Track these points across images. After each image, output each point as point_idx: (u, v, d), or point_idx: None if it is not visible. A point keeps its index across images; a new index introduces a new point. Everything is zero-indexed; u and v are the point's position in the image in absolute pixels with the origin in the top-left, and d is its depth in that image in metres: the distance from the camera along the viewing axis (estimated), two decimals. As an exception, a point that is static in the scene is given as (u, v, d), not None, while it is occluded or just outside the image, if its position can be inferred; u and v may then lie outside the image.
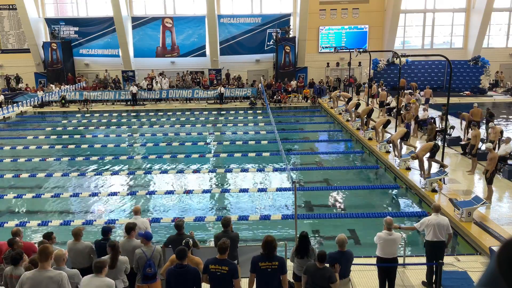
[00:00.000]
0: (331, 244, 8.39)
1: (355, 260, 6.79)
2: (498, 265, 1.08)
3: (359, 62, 31.37)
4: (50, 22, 32.53)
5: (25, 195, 13.24)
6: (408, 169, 13.95)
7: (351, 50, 24.71)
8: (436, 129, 17.55)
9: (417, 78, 31.30)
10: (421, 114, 19.83)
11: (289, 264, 6.93)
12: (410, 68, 31.80)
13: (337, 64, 33.09)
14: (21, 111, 28.00)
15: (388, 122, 17.47)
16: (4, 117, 26.27)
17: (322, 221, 11.29)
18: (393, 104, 21.76)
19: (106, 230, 7.06)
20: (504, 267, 1.07)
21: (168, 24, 32.68)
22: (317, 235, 10.44)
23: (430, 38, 34.11)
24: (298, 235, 6.89)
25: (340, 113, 23.87)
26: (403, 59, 26.06)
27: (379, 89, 25.25)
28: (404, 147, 15.42)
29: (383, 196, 13.19)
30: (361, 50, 24.36)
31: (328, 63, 32.93)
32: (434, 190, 11.92)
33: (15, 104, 28.13)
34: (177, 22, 32.67)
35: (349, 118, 21.60)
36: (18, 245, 6.54)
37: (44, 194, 13.33)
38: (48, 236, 6.86)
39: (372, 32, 32.85)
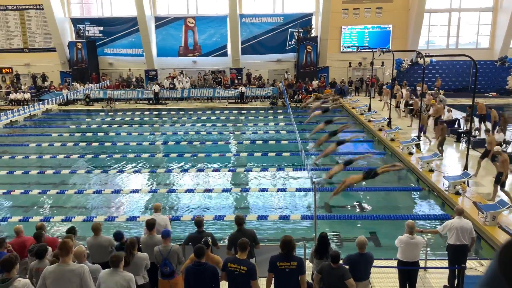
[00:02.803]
0: (351, 246, 8.31)
1: (375, 263, 6.70)
2: (499, 265, 1.08)
3: (382, 62, 30.98)
4: (76, 21, 33.20)
5: (50, 191, 13.54)
6: (431, 171, 13.70)
7: (373, 50, 24.40)
8: (460, 130, 17.21)
9: (442, 78, 30.71)
10: (445, 115, 19.46)
11: (308, 265, 6.89)
12: (434, 68, 31.24)
13: (359, 64, 32.76)
14: (46, 108, 28.65)
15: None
16: (30, 114, 26.93)
17: (342, 222, 11.19)
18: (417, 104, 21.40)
19: (119, 236, 7.04)
20: (506, 267, 1.07)
21: (190, 24, 32.94)
22: (336, 236, 10.35)
23: (455, 38, 33.39)
24: (317, 236, 6.85)
25: (362, 114, 23.63)
26: (427, 59, 25.63)
27: (403, 90, 24.89)
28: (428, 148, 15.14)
29: (405, 198, 12.99)
30: (384, 49, 24.04)
31: (350, 63, 32.63)
32: (457, 193, 11.67)
33: (41, 102, 28.86)
34: (200, 22, 32.90)
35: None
36: (43, 240, 6.71)
37: (67, 191, 13.63)
38: (71, 231, 7.01)
39: (396, 31, 32.38)
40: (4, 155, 18.49)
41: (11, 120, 25.01)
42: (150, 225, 6.97)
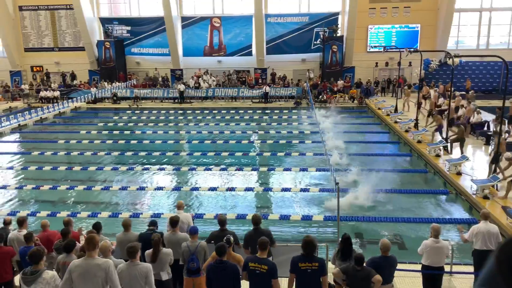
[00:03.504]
0: (374, 248, 8.19)
1: (399, 266, 6.59)
2: (497, 264, 1.08)
3: (410, 62, 30.42)
4: (104, 21, 33.88)
5: (77, 187, 13.88)
6: (459, 174, 13.39)
7: (401, 50, 23.99)
8: (489, 133, 16.76)
9: (471, 79, 29.95)
10: (474, 117, 18.97)
11: (330, 266, 6.84)
12: (463, 69, 30.50)
13: (386, 64, 32.27)
14: (75, 106, 29.35)
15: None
16: (59, 112, 27.64)
17: (365, 224, 11.05)
18: (445, 106, 20.94)
19: (153, 223, 7.38)
20: (503, 267, 1.06)
21: (216, 24, 33.15)
22: (360, 238, 10.23)
23: (486, 38, 32.50)
24: (340, 237, 6.79)
25: (388, 115, 23.28)
26: (456, 60, 25.04)
27: (431, 91, 24.40)
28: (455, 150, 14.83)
29: (431, 201, 12.72)
30: (411, 49, 23.60)
31: (376, 63, 32.19)
32: (486, 197, 11.36)
33: (70, 100, 29.60)
34: (225, 21, 33.07)
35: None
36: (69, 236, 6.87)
37: (94, 187, 13.93)
38: (97, 227, 7.17)
39: (424, 31, 31.75)
40: (34, 151, 19.04)
41: (41, 117, 25.73)
42: (174, 222, 7.05)
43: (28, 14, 34.48)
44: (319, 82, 31.15)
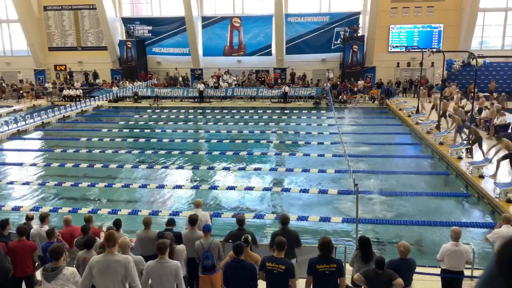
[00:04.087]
0: (393, 251, 8.09)
1: (418, 269, 6.50)
2: (497, 265, 1.07)
3: (432, 63, 29.92)
4: (126, 21, 34.34)
5: (98, 184, 14.11)
6: (481, 177, 13.11)
7: (423, 50, 23.63)
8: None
9: (496, 80, 29.29)
10: (498, 118, 18.56)
11: (347, 268, 6.78)
12: (487, 70, 29.83)
13: (408, 64, 31.83)
14: (97, 105, 29.84)
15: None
16: (82, 110, 28.14)
17: (385, 226, 10.92)
18: (468, 107, 20.55)
19: (171, 222, 7.45)
20: (504, 267, 1.06)
21: (236, 24, 33.24)
22: (378, 241, 10.11)
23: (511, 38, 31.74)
24: (358, 239, 6.72)
25: (409, 116, 22.96)
26: (480, 60, 24.51)
27: (454, 92, 23.97)
28: (480, 152, 14.53)
29: (452, 204, 12.50)
30: (434, 50, 23.23)
31: (398, 63, 31.77)
32: (509, 201, 11.10)
33: (92, 98, 30.12)
34: (245, 21, 33.13)
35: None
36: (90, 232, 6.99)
37: (115, 184, 14.14)
38: (117, 224, 7.28)
39: (447, 31, 31.20)
40: (57, 148, 19.44)
41: (63, 115, 26.23)
42: (193, 220, 7.11)
43: (52, 14, 35.21)
44: (339, 82, 30.90)
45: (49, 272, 5.39)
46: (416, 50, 27.79)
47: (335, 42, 32.46)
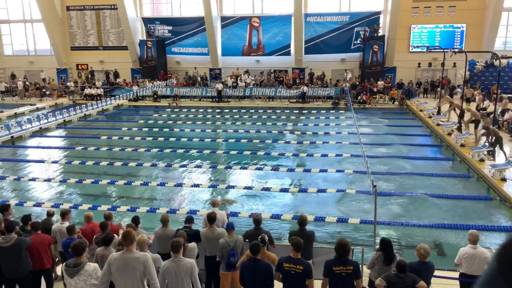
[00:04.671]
0: (411, 253, 7.98)
1: (437, 273, 6.40)
2: (498, 265, 1.05)
3: (454, 63, 29.41)
4: (147, 21, 34.72)
5: (117, 181, 14.30)
6: (504, 179, 12.83)
7: (445, 50, 23.24)
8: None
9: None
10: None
11: (365, 271, 6.71)
12: (511, 70, 29.14)
13: (429, 64, 31.35)
14: (117, 104, 30.24)
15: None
16: (102, 109, 28.56)
17: (403, 229, 10.78)
18: (490, 109, 20.14)
19: (189, 219, 7.50)
20: (505, 267, 1.04)
21: (255, 24, 33.28)
22: (396, 243, 9.99)
23: (538, 38, 30.95)
24: (378, 241, 6.64)
25: (430, 117, 22.61)
26: (504, 61, 23.97)
27: (476, 93, 23.51)
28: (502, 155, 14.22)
29: (473, 207, 12.24)
30: (456, 50, 22.83)
31: (419, 63, 31.31)
32: (533, 205, 10.83)
33: (113, 97, 30.53)
34: (264, 21, 33.13)
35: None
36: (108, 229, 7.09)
37: (134, 182, 14.32)
38: (135, 221, 7.36)
39: (470, 31, 30.61)
40: (78, 146, 19.78)
41: (85, 114, 26.67)
42: (211, 218, 7.14)
43: (74, 14, 35.84)
44: (358, 83, 30.62)
45: (72, 268, 5.49)
46: (437, 50, 27.35)
47: (355, 42, 32.19)
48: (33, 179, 14.97)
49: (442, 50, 24.27)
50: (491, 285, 1.06)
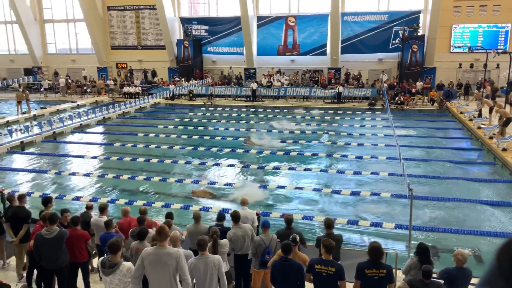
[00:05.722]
0: (447, 259, 7.74)
1: (474, 280, 6.18)
2: (498, 264, 1.05)
3: (497, 64, 28.26)
4: (184, 21, 35.24)
5: (153, 178, 14.61)
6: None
7: (488, 51, 22.40)
8: None
9: None
10: None
11: (399, 276, 6.57)
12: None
13: (471, 65, 30.25)
14: (155, 102, 30.87)
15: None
16: (140, 107, 29.23)
17: (440, 234, 10.47)
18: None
19: (221, 217, 7.55)
20: (505, 266, 1.03)
21: (291, 23, 33.15)
22: (432, 249, 9.69)
23: None
24: (417, 246, 6.46)
25: (471, 119, 21.85)
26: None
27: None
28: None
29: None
30: (500, 51, 21.96)
31: (460, 64, 30.30)
32: None
33: (150, 96, 31.14)
34: (300, 20, 32.94)
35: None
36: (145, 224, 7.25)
37: (169, 179, 14.59)
38: (169, 217, 7.49)
39: (515, 30, 29.34)
40: (116, 142, 20.34)
41: (123, 111, 27.37)
42: (235, 217, 7.17)
43: (115, 14, 36.85)
44: (396, 83, 29.95)
45: (107, 268, 5.66)
46: (480, 51, 26.38)
47: (393, 41, 31.49)
48: (73, 174, 15.51)
49: (484, 51, 23.41)
50: (491, 285, 1.06)
